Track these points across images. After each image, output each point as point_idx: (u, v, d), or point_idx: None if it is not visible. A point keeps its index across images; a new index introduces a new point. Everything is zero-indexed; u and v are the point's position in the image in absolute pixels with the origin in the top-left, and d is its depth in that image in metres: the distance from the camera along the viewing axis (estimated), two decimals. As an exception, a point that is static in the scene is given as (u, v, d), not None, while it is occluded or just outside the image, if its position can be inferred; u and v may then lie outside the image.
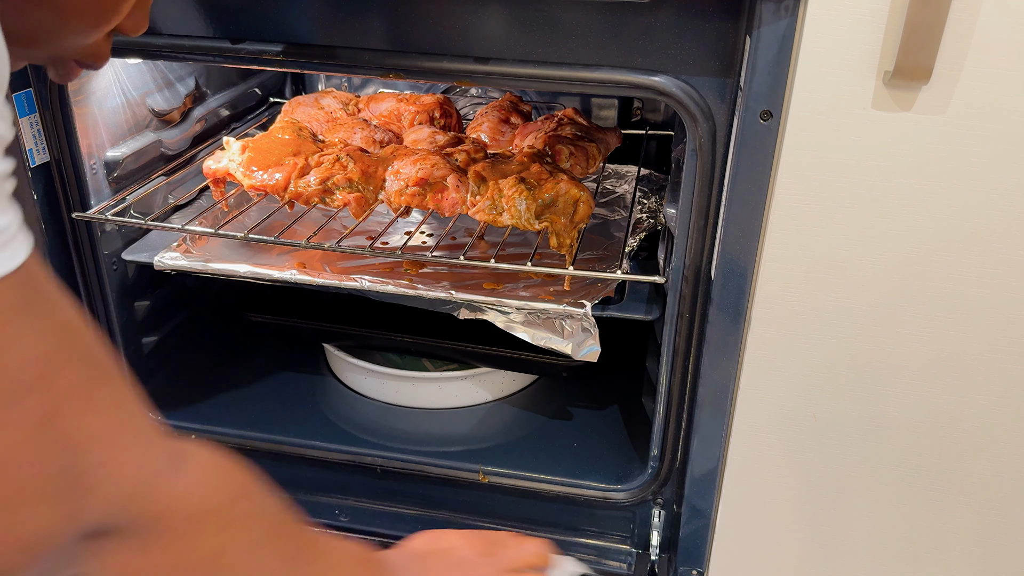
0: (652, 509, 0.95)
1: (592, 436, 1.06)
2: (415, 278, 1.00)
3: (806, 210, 0.71)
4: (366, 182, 0.96)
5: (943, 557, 0.86)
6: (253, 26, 0.79)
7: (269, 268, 1.00)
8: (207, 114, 1.21)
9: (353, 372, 1.15)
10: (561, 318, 0.93)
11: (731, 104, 0.72)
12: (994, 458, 0.80)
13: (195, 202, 1.14)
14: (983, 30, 0.62)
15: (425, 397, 1.12)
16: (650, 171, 1.24)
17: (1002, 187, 0.68)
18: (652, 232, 1.07)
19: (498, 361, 1.10)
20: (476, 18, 0.74)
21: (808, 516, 0.87)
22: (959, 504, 0.83)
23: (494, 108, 1.21)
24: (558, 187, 0.91)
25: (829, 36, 0.64)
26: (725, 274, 0.77)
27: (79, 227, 0.96)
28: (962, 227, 0.70)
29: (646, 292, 0.97)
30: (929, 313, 0.74)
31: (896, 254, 0.72)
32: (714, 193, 0.76)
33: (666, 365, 0.87)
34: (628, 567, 0.97)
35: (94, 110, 0.97)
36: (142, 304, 1.10)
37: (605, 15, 0.71)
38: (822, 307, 0.76)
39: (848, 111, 0.67)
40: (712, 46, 0.70)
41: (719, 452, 0.86)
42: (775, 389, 0.81)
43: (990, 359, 0.75)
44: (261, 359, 1.22)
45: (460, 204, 0.95)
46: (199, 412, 1.09)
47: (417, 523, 1.02)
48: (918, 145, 0.67)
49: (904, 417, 0.80)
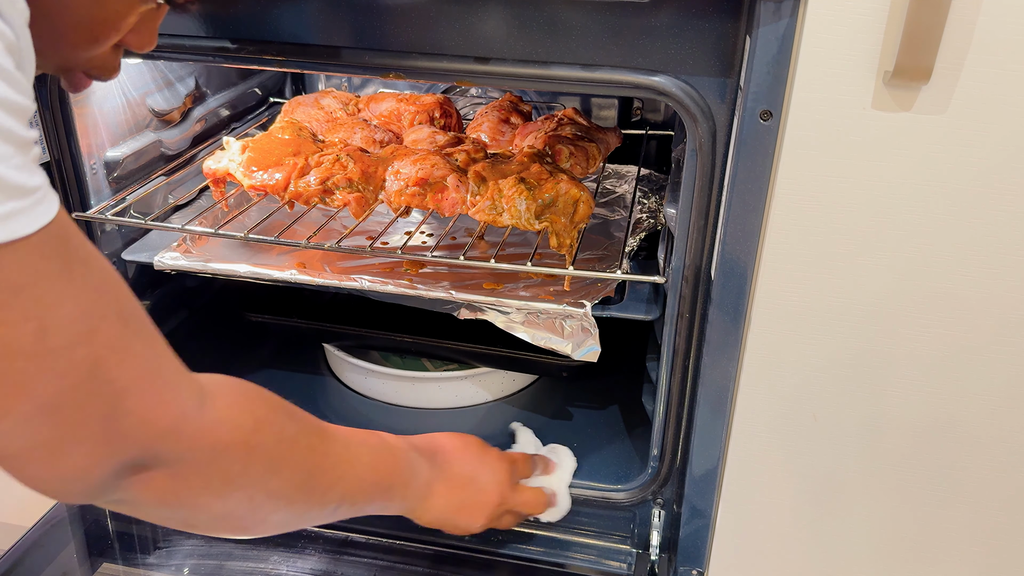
0: (652, 509, 0.95)
1: (592, 436, 1.06)
2: (415, 278, 1.00)
3: (806, 210, 0.71)
4: (366, 182, 0.96)
5: (943, 557, 0.86)
6: (253, 26, 0.79)
7: (269, 268, 1.00)
8: (207, 114, 1.21)
9: (353, 372, 1.15)
10: (561, 318, 0.93)
11: (731, 104, 0.72)
12: (994, 458, 0.80)
13: (195, 202, 1.14)
14: (983, 30, 0.62)
15: (425, 397, 1.12)
16: (650, 171, 1.24)
17: (1002, 187, 0.68)
18: (652, 232, 1.07)
19: (498, 361, 1.10)
20: (476, 18, 0.74)
21: (808, 516, 0.87)
22: (959, 504, 0.83)
23: (494, 108, 1.21)
24: (558, 187, 0.91)
25: (829, 36, 0.64)
26: (725, 274, 0.77)
27: (79, 227, 0.96)
28: (962, 227, 0.70)
29: (646, 292, 0.97)
30: (929, 313, 0.74)
31: (896, 254, 0.72)
32: (714, 193, 0.76)
33: (666, 365, 0.87)
34: (628, 567, 0.97)
35: (94, 110, 0.97)
36: (142, 304, 1.09)
37: (605, 15, 0.71)
38: (822, 307, 0.75)
39: (848, 111, 0.67)
40: (712, 46, 0.70)
41: (719, 452, 0.86)
42: (775, 389, 0.81)
43: (990, 359, 0.75)
44: (261, 359, 1.22)
45: (460, 204, 0.95)
46: (199, 412, 1.09)
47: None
48: (918, 145, 0.67)
49: (904, 417, 0.79)
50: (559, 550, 0.98)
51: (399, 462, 0.74)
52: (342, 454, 0.66)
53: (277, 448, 0.59)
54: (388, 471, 0.72)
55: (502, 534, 0.98)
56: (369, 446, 0.71)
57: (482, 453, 0.85)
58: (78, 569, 0.94)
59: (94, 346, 0.47)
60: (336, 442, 0.66)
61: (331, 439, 0.66)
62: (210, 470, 0.54)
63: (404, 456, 0.75)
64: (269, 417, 0.59)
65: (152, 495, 0.53)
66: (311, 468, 0.62)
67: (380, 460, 0.71)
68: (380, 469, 0.71)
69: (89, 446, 0.48)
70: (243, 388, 0.59)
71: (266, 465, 0.58)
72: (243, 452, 0.56)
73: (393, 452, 0.74)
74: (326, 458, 0.64)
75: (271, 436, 0.58)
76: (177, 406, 0.52)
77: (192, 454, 0.53)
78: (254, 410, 0.58)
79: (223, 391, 0.56)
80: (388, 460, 0.73)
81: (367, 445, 0.70)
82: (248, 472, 0.57)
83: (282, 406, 0.61)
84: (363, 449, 0.69)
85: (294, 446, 0.61)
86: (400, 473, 0.74)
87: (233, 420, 0.56)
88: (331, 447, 0.65)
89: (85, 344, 0.46)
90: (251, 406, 0.58)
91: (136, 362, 0.50)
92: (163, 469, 0.52)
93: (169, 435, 0.51)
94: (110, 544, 0.98)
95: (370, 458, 0.70)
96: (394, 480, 0.73)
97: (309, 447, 0.63)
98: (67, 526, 0.98)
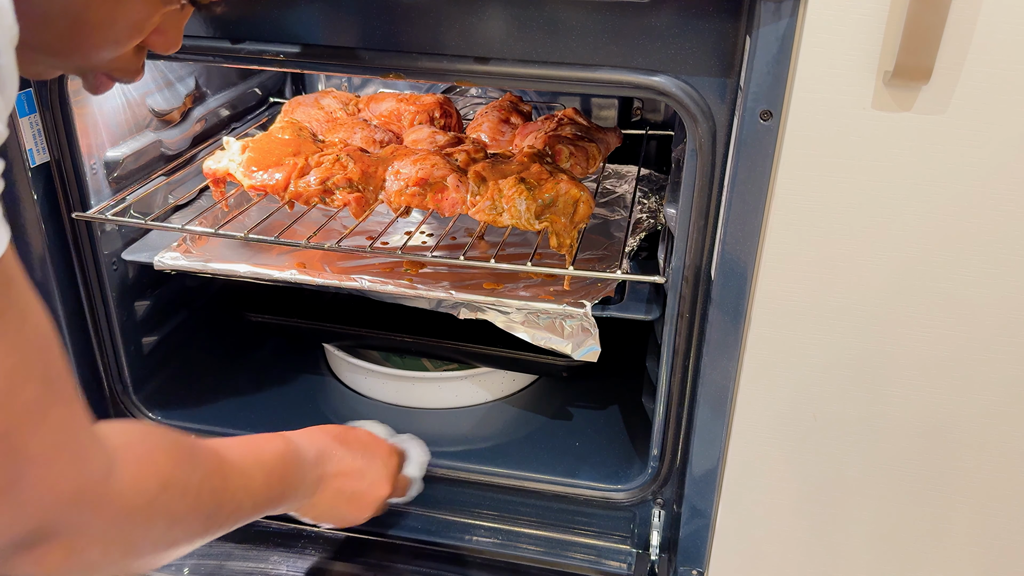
0: (652, 509, 0.95)
1: (592, 436, 1.06)
2: (415, 278, 1.00)
3: (806, 210, 0.71)
4: (366, 182, 0.96)
5: (943, 557, 0.86)
6: (253, 26, 0.79)
7: (269, 268, 1.00)
8: (207, 114, 1.21)
9: (353, 372, 1.15)
10: (561, 318, 0.93)
11: (731, 104, 0.72)
12: (994, 458, 0.80)
13: (195, 202, 1.14)
14: (983, 30, 0.62)
15: (425, 397, 1.12)
16: (650, 171, 1.24)
17: (1002, 187, 0.68)
18: (652, 232, 1.07)
19: (498, 361, 1.10)
20: (476, 18, 0.74)
21: (808, 516, 0.87)
22: (959, 504, 0.83)
23: (494, 108, 1.21)
24: (558, 187, 0.91)
25: (829, 36, 0.64)
26: (725, 274, 0.77)
27: (79, 227, 0.96)
28: (962, 227, 0.70)
29: (646, 292, 0.97)
30: (929, 313, 0.74)
31: (896, 254, 0.72)
32: (714, 193, 0.76)
33: (666, 365, 0.87)
34: (628, 567, 0.97)
35: (94, 110, 0.97)
36: (142, 304, 1.10)
37: (605, 15, 0.71)
38: (822, 307, 0.75)
39: (848, 111, 0.67)
40: (712, 46, 0.70)
41: (719, 452, 0.86)
42: (775, 389, 0.81)
43: (990, 359, 0.75)
44: (261, 359, 1.22)
45: (460, 204, 0.95)
46: (199, 412, 1.09)
47: (417, 523, 1.02)
48: (918, 145, 0.67)
49: (904, 417, 0.79)
50: (559, 550, 0.98)
51: (288, 470, 0.74)
52: (239, 483, 0.65)
53: (181, 504, 0.57)
54: (280, 483, 0.72)
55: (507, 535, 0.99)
56: (262, 464, 0.69)
57: (374, 446, 0.86)
58: (78, 569, 0.94)
59: (11, 411, 0.44)
60: (234, 473, 0.65)
61: (229, 472, 0.64)
62: (109, 538, 0.52)
63: (294, 462, 0.75)
64: (174, 474, 0.56)
65: (44, 570, 0.49)
66: (212, 509, 0.61)
67: (273, 476, 0.71)
68: (273, 485, 0.71)
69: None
70: (149, 442, 0.56)
71: (168, 522, 0.56)
72: (145, 517, 0.53)
73: (284, 461, 0.73)
74: (225, 493, 0.63)
75: (176, 494, 0.56)
76: (84, 475, 0.49)
77: (93, 525, 0.50)
78: (159, 470, 0.55)
79: (130, 449, 0.53)
80: (279, 472, 0.72)
81: (260, 464, 0.69)
82: (149, 534, 0.54)
83: (187, 453, 0.59)
84: (257, 470, 0.68)
85: (198, 497, 0.59)
86: (290, 481, 0.74)
87: (138, 486, 0.53)
88: (230, 482, 0.64)
89: (3, 407, 0.43)
90: (156, 466, 0.55)
91: (51, 430, 0.46)
92: (60, 541, 0.48)
93: (72, 506, 0.48)
94: (110, 544, 0.97)
95: (264, 477, 0.69)
96: (285, 489, 0.73)
97: (211, 491, 0.61)
98: (67, 526, 0.98)
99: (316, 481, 0.78)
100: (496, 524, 1.01)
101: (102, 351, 1.03)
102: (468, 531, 1.01)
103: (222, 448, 0.65)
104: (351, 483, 0.82)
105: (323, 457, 0.80)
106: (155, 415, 1.07)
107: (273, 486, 0.71)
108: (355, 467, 0.82)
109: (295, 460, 0.75)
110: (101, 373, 1.05)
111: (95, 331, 1.02)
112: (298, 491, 0.76)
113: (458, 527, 1.01)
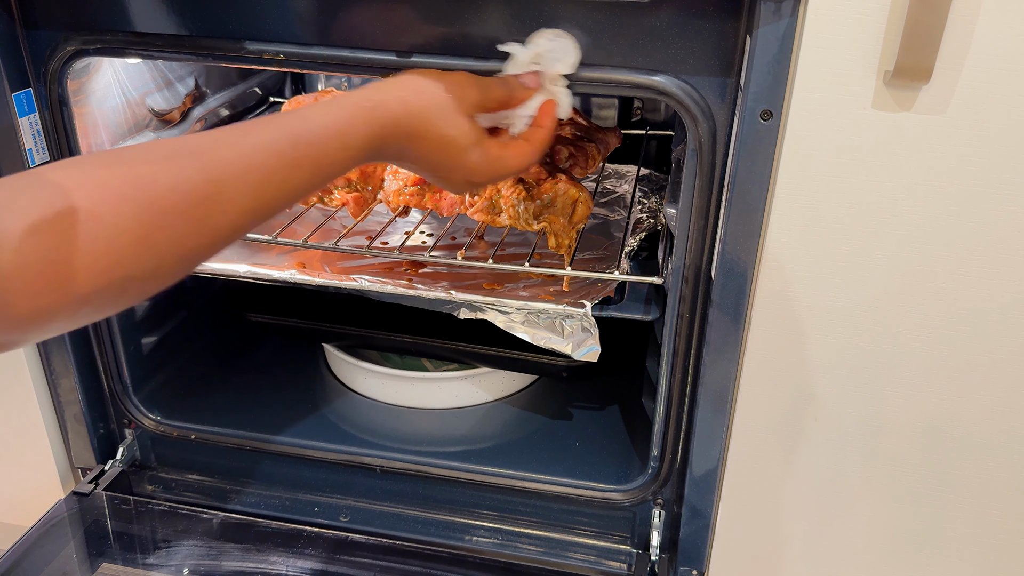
0: (652, 509, 0.95)
1: (592, 436, 1.06)
2: (415, 278, 1.00)
3: (806, 210, 0.71)
4: (364, 182, 0.96)
5: (943, 557, 0.86)
6: (253, 26, 0.79)
7: (268, 268, 1.00)
8: (207, 114, 1.21)
9: (353, 372, 1.15)
10: (561, 318, 0.93)
11: (731, 104, 0.72)
12: (994, 458, 0.80)
13: (195, 202, 1.13)
14: (983, 30, 0.62)
15: (425, 397, 1.12)
16: (650, 171, 1.24)
17: (1002, 187, 0.68)
18: (652, 232, 1.07)
19: (498, 361, 1.10)
20: (476, 17, 0.74)
21: (808, 516, 0.87)
22: (959, 504, 0.83)
23: (494, 108, 1.21)
24: (556, 187, 0.91)
25: (829, 36, 0.64)
26: (725, 274, 0.77)
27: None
28: (963, 227, 0.70)
29: (646, 292, 0.97)
30: (929, 313, 0.74)
31: (896, 254, 0.72)
32: (714, 193, 0.76)
33: (666, 365, 0.87)
34: (628, 567, 0.97)
35: (94, 110, 0.96)
36: (142, 304, 1.10)
37: (605, 15, 0.71)
38: (822, 307, 0.75)
39: (848, 111, 0.67)
40: (712, 46, 0.70)
41: (719, 452, 0.86)
42: (775, 389, 0.81)
43: (990, 359, 0.75)
44: (261, 359, 1.22)
45: (458, 204, 0.94)
46: (199, 412, 1.09)
47: (417, 523, 1.02)
48: (918, 145, 0.67)
49: (904, 417, 0.79)
50: (559, 550, 0.98)
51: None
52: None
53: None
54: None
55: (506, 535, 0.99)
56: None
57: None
58: (78, 569, 0.94)
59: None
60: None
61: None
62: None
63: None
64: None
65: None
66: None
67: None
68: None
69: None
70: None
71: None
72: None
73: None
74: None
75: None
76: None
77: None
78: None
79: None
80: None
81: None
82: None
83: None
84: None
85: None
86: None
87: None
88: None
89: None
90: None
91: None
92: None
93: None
94: (110, 544, 0.98)
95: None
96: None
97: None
98: (67, 526, 0.98)
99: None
100: (496, 524, 1.01)
101: (101, 351, 1.03)
102: (468, 531, 1.01)
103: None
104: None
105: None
106: (155, 415, 1.07)
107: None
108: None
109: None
110: (101, 373, 1.05)
111: (95, 331, 1.02)
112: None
113: (458, 527, 1.01)
